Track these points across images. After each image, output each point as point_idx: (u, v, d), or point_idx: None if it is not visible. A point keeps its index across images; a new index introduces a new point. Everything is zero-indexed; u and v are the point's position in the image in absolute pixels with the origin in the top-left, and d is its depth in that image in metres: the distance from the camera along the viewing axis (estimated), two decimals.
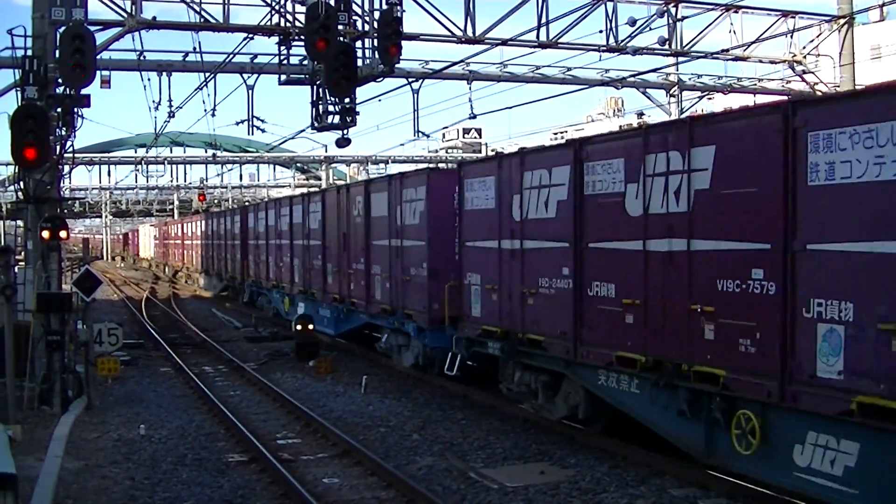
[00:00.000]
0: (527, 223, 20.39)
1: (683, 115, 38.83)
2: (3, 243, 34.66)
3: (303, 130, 33.15)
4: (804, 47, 37.90)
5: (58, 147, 24.61)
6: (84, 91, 23.51)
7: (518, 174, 20.65)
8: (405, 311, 27.48)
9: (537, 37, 31.27)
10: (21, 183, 24.21)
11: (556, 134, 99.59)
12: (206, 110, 34.18)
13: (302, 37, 25.65)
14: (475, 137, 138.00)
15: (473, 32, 30.35)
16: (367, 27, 27.14)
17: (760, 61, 38.62)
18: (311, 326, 33.55)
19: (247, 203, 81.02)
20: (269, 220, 45.97)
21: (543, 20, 31.02)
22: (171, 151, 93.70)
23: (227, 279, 59.20)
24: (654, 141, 16.50)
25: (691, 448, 16.15)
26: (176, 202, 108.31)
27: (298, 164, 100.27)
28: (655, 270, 16.33)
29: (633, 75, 39.86)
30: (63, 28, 23.05)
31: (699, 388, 15.35)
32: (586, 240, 18.24)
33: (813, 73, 38.75)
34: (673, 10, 33.94)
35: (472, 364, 24.49)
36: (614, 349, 17.20)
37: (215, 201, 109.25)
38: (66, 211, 30.70)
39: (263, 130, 36.89)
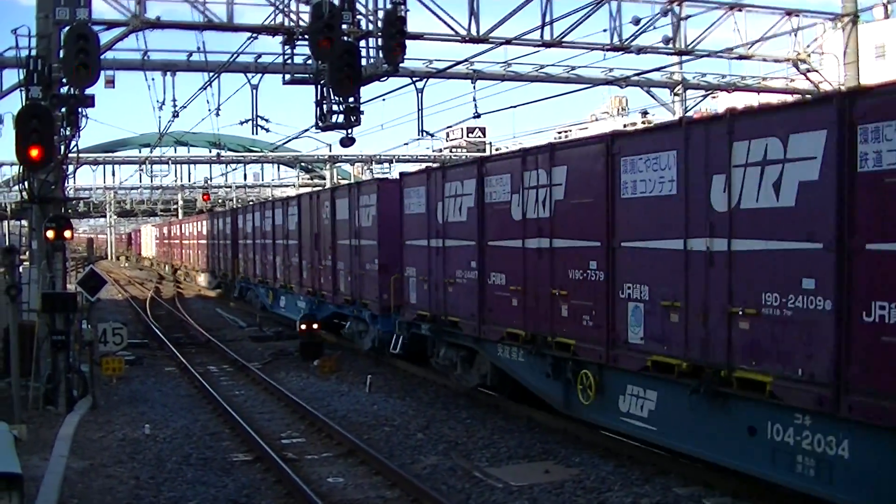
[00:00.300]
0: (448, 225, 24.06)
1: (687, 114, 38.88)
2: (7, 243, 34.68)
3: (307, 130, 33.33)
4: (808, 46, 37.87)
5: (62, 147, 24.61)
6: (88, 91, 23.50)
7: (441, 185, 24.32)
8: (362, 301, 31.43)
9: (541, 36, 31.23)
10: (25, 183, 24.23)
11: (559, 133, 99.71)
12: (210, 110, 34.25)
13: (306, 36, 25.67)
14: (479, 137, 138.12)
15: (477, 32, 30.34)
16: (371, 26, 27.11)
17: (764, 60, 38.55)
18: (315, 326, 33.61)
19: (250, 202, 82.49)
20: (255, 221, 50.27)
21: (547, 19, 30.99)
22: (176, 151, 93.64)
23: (220, 276, 62.92)
24: (528, 161, 19.98)
25: (554, 402, 20.19)
26: (180, 202, 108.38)
27: (303, 164, 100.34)
28: (531, 263, 19.92)
29: (637, 74, 39.77)
30: (67, 28, 23.04)
31: (558, 355, 19.14)
32: (486, 239, 21.97)
33: (817, 71, 38.71)
34: (677, 9, 33.90)
35: (409, 343, 27.87)
36: (505, 327, 20.97)
37: (219, 201, 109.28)
38: (70, 211, 30.70)
39: (268, 130, 36.78)
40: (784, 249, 13.57)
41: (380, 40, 25.51)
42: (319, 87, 28.20)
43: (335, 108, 27.49)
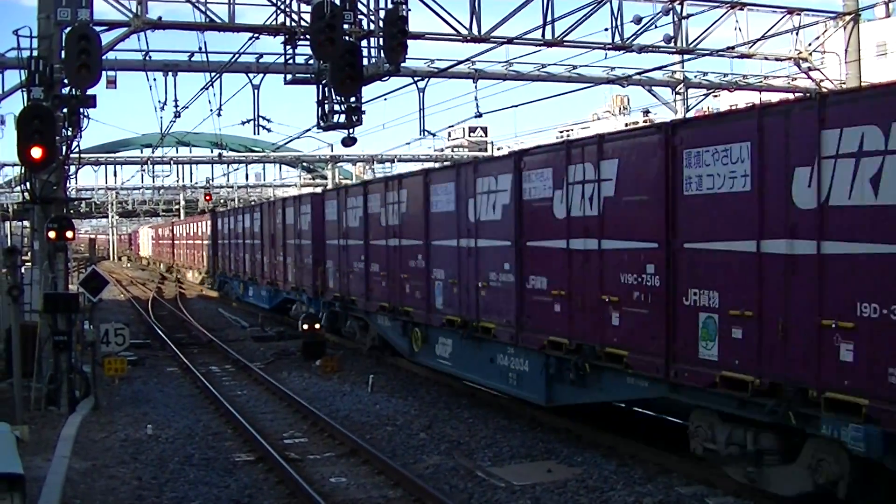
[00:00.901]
0: (349, 229, 31.86)
1: (689, 113, 38.91)
2: (9, 244, 34.67)
3: (308, 130, 33.41)
4: (810, 44, 37.89)
5: (64, 147, 24.61)
6: (90, 91, 23.51)
7: (344, 200, 31.71)
8: (302, 288, 38.73)
9: (543, 35, 31.25)
10: (27, 183, 24.23)
11: (561, 132, 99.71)
12: (211, 110, 34.19)
13: (307, 36, 25.64)
14: (481, 136, 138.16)
15: (479, 31, 30.35)
16: (372, 26, 27.09)
17: (766, 58, 38.57)
18: (317, 326, 33.63)
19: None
20: (230, 224, 58.17)
21: (549, 18, 31.02)
22: (177, 151, 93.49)
23: (203, 272, 72.86)
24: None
25: (403, 350, 28.07)
26: (182, 202, 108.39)
27: (304, 164, 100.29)
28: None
29: (639, 73, 39.79)
30: (69, 28, 23.03)
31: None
32: (370, 238, 29.11)
33: (819, 69, 38.72)
34: (678, 8, 33.93)
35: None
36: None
37: (221, 201, 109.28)
38: (72, 211, 30.68)
39: (269, 130, 36.81)
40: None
41: (381, 40, 25.49)
42: (321, 86, 28.20)
43: (337, 107, 27.49)
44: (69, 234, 23.67)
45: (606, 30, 32.44)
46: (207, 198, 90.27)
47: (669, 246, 15.82)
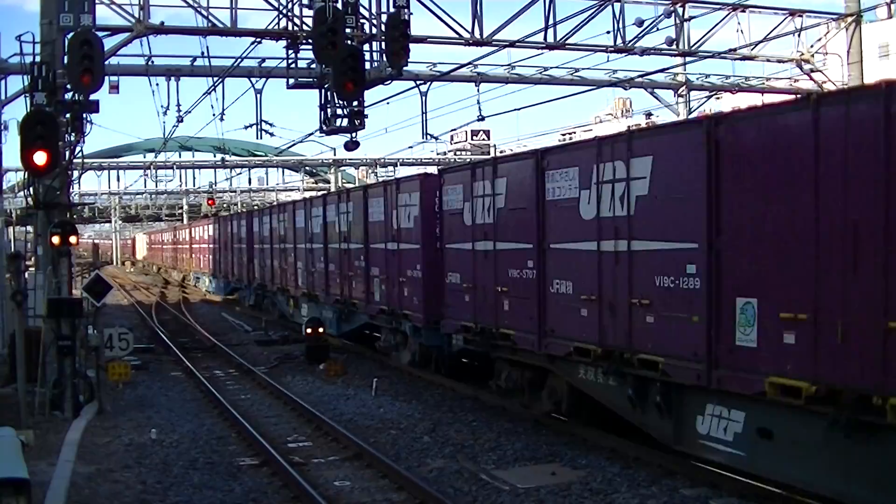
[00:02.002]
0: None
1: (692, 115, 38.89)
2: (13, 249, 34.69)
3: (311, 134, 33.30)
4: (812, 46, 37.87)
5: (67, 152, 24.64)
6: (93, 97, 23.55)
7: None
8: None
9: (545, 38, 31.26)
10: (31, 189, 24.26)
11: (563, 135, 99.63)
12: (214, 115, 34.15)
13: (310, 40, 25.66)
14: (483, 139, 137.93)
15: (481, 34, 30.37)
16: (374, 30, 27.12)
17: (768, 60, 38.56)
18: (321, 329, 33.65)
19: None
20: (200, 233, 75.88)
21: (550, 21, 31.04)
22: (180, 156, 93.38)
23: (182, 271, 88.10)
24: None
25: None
26: (185, 206, 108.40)
27: (307, 168, 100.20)
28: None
29: (641, 76, 39.80)
30: (71, 34, 23.06)
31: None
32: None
33: (821, 71, 38.69)
34: (680, 10, 33.92)
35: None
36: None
37: (224, 205, 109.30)
38: (75, 216, 30.68)
39: (272, 134, 36.94)
40: None
41: (383, 44, 25.53)
42: (323, 91, 28.22)
43: (339, 111, 27.50)
44: (72, 239, 23.68)
45: (608, 32, 32.49)
46: (210, 202, 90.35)
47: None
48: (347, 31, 24.16)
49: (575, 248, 18.97)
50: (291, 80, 30.53)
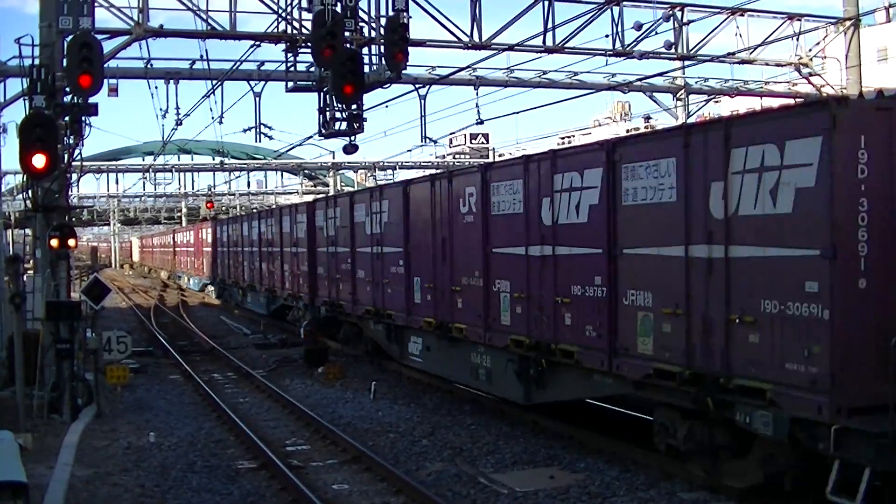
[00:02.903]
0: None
1: (689, 119, 38.92)
2: (12, 252, 34.69)
3: (310, 137, 33.36)
4: (810, 50, 37.92)
5: (66, 155, 24.65)
6: (92, 99, 23.57)
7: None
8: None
9: (544, 42, 31.29)
10: (29, 192, 24.27)
11: (562, 139, 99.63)
12: (213, 118, 34.20)
13: (309, 44, 25.69)
14: (482, 143, 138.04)
15: (480, 38, 30.39)
16: (373, 34, 27.16)
17: (767, 64, 38.58)
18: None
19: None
20: (184, 237, 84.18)
21: (550, 25, 31.07)
22: (179, 159, 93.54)
23: (168, 271, 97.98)
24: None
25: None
26: (184, 209, 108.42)
27: (306, 171, 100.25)
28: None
29: (640, 79, 39.85)
30: (70, 37, 23.07)
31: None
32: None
33: (819, 75, 38.73)
34: (679, 14, 33.95)
35: None
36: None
37: (223, 208, 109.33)
38: (74, 219, 30.70)
39: (271, 137, 36.98)
40: None
41: (382, 47, 25.55)
42: (322, 94, 28.26)
43: (338, 115, 27.53)
44: (71, 242, 23.69)
45: (607, 36, 32.51)
46: (209, 205, 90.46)
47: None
48: (346, 34, 24.19)
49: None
50: (290, 84, 30.59)
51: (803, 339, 13.39)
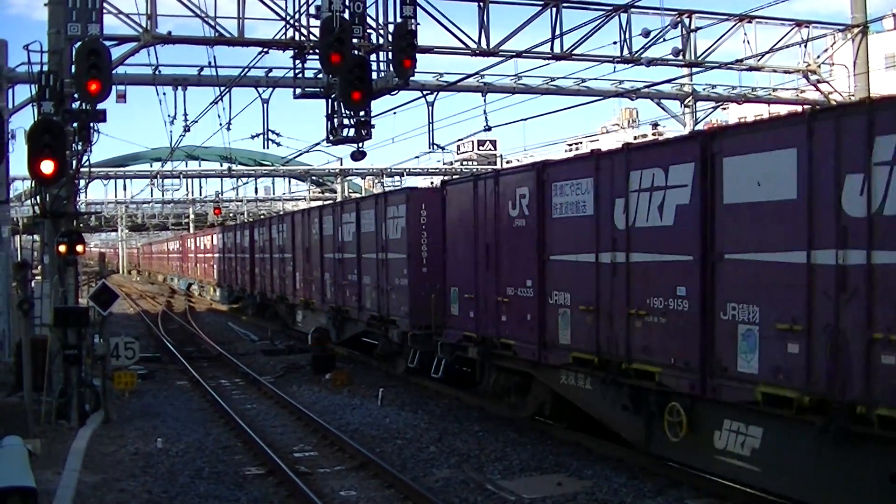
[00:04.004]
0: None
1: (697, 127, 38.87)
2: (20, 258, 34.74)
3: (318, 144, 33.39)
4: (818, 57, 37.86)
5: (74, 161, 24.71)
6: (100, 106, 23.58)
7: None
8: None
9: (551, 49, 31.27)
10: (38, 198, 24.32)
11: (570, 145, 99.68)
12: (221, 124, 34.17)
13: (317, 50, 25.72)
14: (490, 149, 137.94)
15: (488, 45, 30.38)
16: (381, 40, 27.16)
17: (775, 71, 38.54)
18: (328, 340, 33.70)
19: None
20: (171, 246, 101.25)
21: (557, 32, 31.03)
22: (187, 165, 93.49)
23: (162, 274, 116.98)
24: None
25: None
26: (191, 216, 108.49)
27: (314, 178, 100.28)
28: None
29: (648, 86, 39.79)
30: (79, 43, 23.14)
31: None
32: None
33: (827, 82, 38.69)
34: (687, 21, 33.92)
35: None
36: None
37: (231, 215, 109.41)
38: (82, 225, 30.73)
39: (279, 144, 36.84)
40: None
41: (390, 54, 25.55)
42: (330, 100, 28.24)
43: (346, 121, 27.53)
44: (79, 248, 23.72)
45: (615, 43, 32.46)
46: (216, 212, 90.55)
47: None
48: (354, 41, 24.19)
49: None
50: (298, 90, 30.56)
51: None
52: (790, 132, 14.49)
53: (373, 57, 26.93)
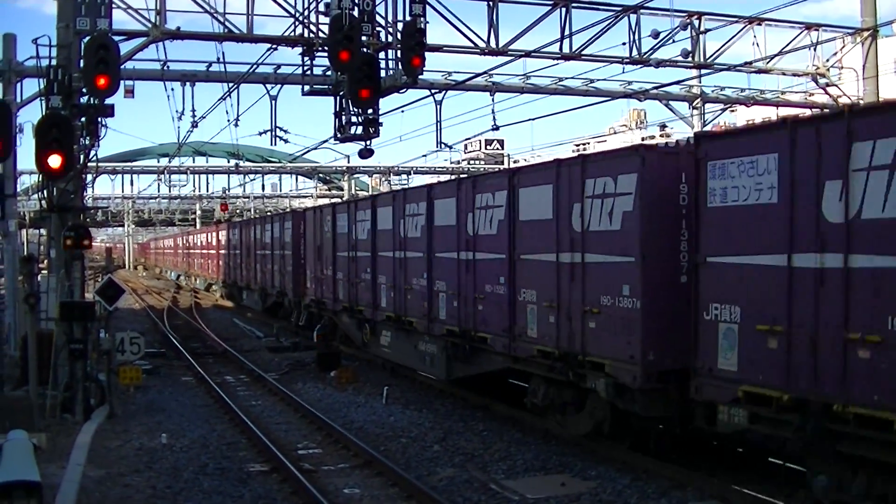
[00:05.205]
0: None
1: (706, 128, 38.82)
2: (26, 252, 34.77)
3: (325, 141, 33.34)
4: (827, 60, 37.79)
5: (81, 156, 24.72)
6: (108, 101, 23.61)
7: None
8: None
9: (560, 49, 31.24)
10: (45, 192, 24.33)
11: (577, 146, 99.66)
12: (229, 120, 34.24)
13: (325, 47, 25.72)
14: (497, 149, 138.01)
15: (496, 44, 30.35)
16: (390, 38, 27.16)
17: (783, 74, 38.49)
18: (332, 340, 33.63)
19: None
20: (167, 243, 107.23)
21: (566, 32, 31.00)
22: (194, 161, 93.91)
23: (158, 267, 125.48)
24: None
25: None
26: (198, 212, 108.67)
27: (321, 175, 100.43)
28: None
29: (656, 87, 39.77)
30: (88, 38, 23.15)
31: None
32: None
33: (836, 85, 38.61)
34: (696, 23, 33.89)
35: None
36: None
37: (237, 211, 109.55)
38: (88, 220, 30.77)
39: (286, 141, 36.99)
40: None
41: (399, 52, 25.55)
42: (338, 98, 28.28)
43: (354, 119, 27.54)
44: (86, 242, 23.73)
45: (624, 44, 32.43)
46: (223, 208, 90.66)
47: None
48: (363, 38, 24.18)
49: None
50: (306, 87, 30.58)
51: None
52: (548, 173, 19.91)
53: (381, 55, 26.94)
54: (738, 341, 15.03)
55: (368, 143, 27.70)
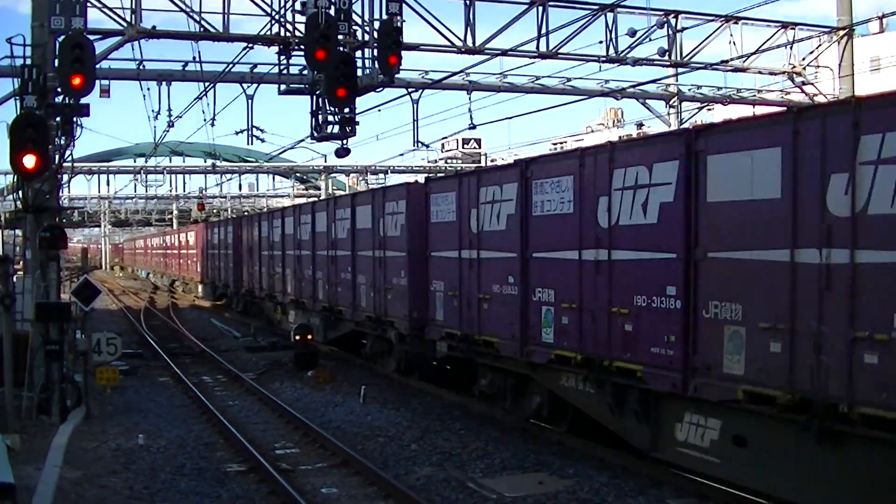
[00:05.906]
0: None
1: (683, 126, 38.89)
2: (1, 253, 34.60)
3: (302, 140, 33.28)
4: (804, 59, 37.90)
5: (57, 156, 24.59)
6: (83, 100, 23.51)
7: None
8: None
9: (537, 47, 31.26)
10: (20, 192, 24.20)
11: (554, 144, 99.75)
12: (205, 120, 34.10)
13: (302, 46, 25.65)
14: (475, 147, 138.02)
15: (473, 43, 30.34)
16: (367, 37, 27.13)
17: (760, 72, 38.59)
18: (310, 336, 33.55)
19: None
20: (139, 244, 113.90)
21: (543, 31, 31.02)
22: (171, 161, 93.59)
23: (128, 266, 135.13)
24: None
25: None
26: (175, 212, 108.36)
27: (298, 174, 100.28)
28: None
29: (633, 86, 39.84)
30: (62, 37, 23.05)
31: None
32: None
33: (812, 84, 38.75)
34: (673, 22, 33.95)
35: None
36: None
37: (214, 211, 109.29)
38: (64, 220, 30.66)
39: (263, 140, 36.77)
40: None
41: (376, 51, 25.54)
42: (315, 97, 28.24)
43: (331, 118, 27.50)
44: (61, 243, 23.62)
45: (601, 42, 32.47)
46: (200, 207, 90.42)
47: None
48: (340, 37, 24.16)
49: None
50: (283, 86, 30.52)
51: None
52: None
53: (358, 54, 26.95)
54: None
55: (345, 141, 27.68)
